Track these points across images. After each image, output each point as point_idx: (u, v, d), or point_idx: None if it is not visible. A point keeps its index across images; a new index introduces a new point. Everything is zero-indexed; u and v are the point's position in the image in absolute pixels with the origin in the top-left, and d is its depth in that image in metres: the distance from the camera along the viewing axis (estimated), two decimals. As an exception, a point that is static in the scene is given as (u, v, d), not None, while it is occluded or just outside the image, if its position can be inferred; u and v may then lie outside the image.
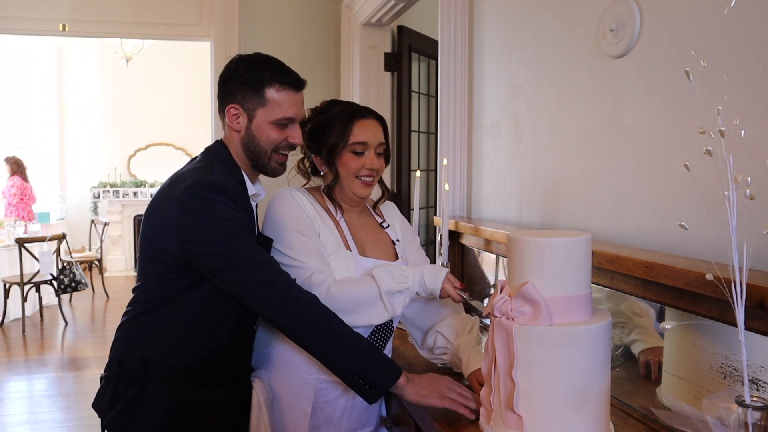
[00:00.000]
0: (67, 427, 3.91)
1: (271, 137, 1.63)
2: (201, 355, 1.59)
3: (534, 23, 2.12)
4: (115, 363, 1.61)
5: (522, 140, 2.20)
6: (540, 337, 1.20)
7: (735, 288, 0.89)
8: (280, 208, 1.69)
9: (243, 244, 1.52)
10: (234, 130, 1.65)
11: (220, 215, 1.51)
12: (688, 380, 1.34)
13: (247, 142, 1.64)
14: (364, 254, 1.74)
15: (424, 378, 1.55)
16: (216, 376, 1.61)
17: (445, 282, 1.62)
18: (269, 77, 1.61)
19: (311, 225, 1.67)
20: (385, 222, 1.90)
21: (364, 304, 1.59)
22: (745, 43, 1.28)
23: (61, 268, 6.37)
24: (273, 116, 1.61)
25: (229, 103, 1.63)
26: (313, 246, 1.64)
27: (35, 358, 5.35)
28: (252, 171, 1.69)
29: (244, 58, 1.66)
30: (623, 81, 1.66)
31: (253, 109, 1.61)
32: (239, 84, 1.61)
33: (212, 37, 4.30)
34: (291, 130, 1.65)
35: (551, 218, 2.02)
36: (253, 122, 1.62)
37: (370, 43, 4.02)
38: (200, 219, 1.51)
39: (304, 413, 1.68)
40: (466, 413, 1.48)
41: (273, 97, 1.61)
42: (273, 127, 1.62)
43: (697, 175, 1.26)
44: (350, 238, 1.74)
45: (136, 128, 9.38)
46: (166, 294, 1.58)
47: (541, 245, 1.22)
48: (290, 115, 1.63)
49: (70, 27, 4.24)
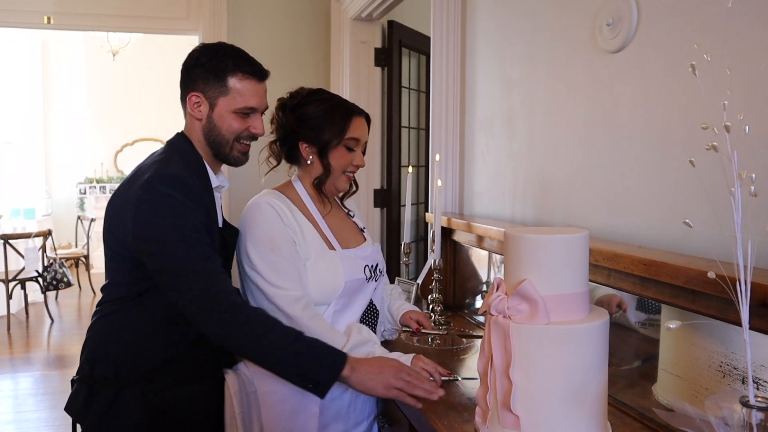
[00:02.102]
0: (53, 426, 3.86)
1: (232, 126, 1.61)
2: (171, 354, 1.57)
3: (529, 17, 2.09)
4: (87, 366, 1.59)
5: (516, 136, 2.19)
6: (538, 336, 1.19)
7: (740, 286, 0.87)
8: (254, 220, 1.67)
9: (192, 247, 1.47)
10: (195, 118, 1.63)
11: (175, 214, 1.48)
12: (685, 378, 1.33)
13: (208, 130, 1.62)
14: (347, 246, 1.77)
15: (372, 365, 1.50)
16: (189, 373, 1.59)
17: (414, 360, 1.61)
18: (233, 66, 1.60)
19: (287, 238, 1.65)
20: (351, 212, 1.95)
21: (327, 338, 1.58)
22: (747, 37, 1.27)
23: (46, 265, 6.29)
24: (235, 105, 1.60)
25: (191, 91, 1.62)
26: (285, 266, 1.62)
27: (21, 356, 5.28)
28: (214, 161, 1.67)
29: (207, 46, 1.65)
30: (620, 76, 1.64)
31: (215, 97, 1.60)
32: (202, 72, 1.60)
33: (200, 32, 4.24)
34: (253, 120, 1.64)
35: (545, 215, 2.00)
36: (214, 111, 1.61)
37: (360, 37, 3.99)
38: (154, 216, 1.48)
39: (312, 414, 1.66)
40: (412, 403, 1.45)
41: (235, 86, 1.60)
42: (234, 116, 1.61)
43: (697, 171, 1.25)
44: (331, 236, 1.75)
45: (122, 124, 9.28)
46: (133, 292, 1.56)
47: (539, 242, 1.20)
48: (252, 104, 1.62)
49: (55, 20, 4.16)
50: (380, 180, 4.11)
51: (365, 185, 4.01)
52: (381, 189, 4.12)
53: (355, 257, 1.75)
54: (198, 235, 1.50)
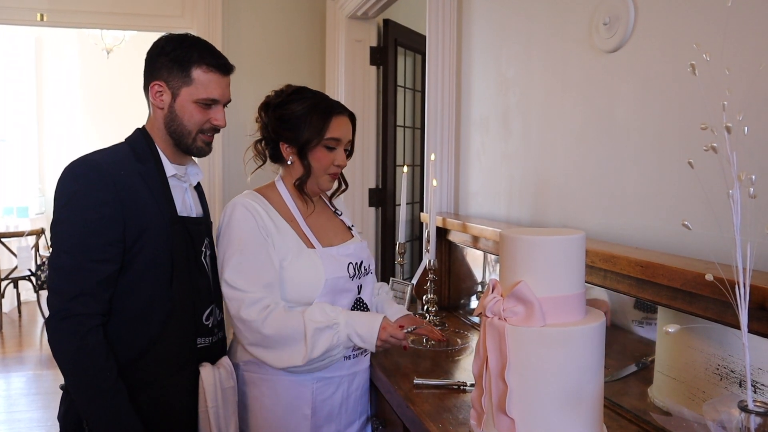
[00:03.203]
0: (45, 426, 3.83)
1: (194, 117, 1.60)
2: (135, 353, 1.53)
3: (525, 16, 2.08)
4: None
5: (512, 136, 2.17)
6: (534, 338, 1.17)
7: (738, 289, 0.86)
8: (227, 222, 1.66)
9: (79, 218, 1.46)
10: (157, 107, 1.62)
11: (77, 188, 1.48)
12: (681, 381, 1.32)
13: (170, 120, 1.61)
14: (328, 244, 1.74)
15: None
16: (158, 371, 1.55)
17: (380, 332, 1.59)
18: (197, 58, 1.59)
19: (259, 239, 1.63)
20: (339, 210, 1.91)
21: (287, 343, 1.58)
22: (746, 37, 1.25)
23: (39, 264, 6.25)
24: (197, 95, 1.59)
25: (154, 80, 1.60)
26: (249, 268, 1.61)
27: (13, 356, 5.24)
28: (176, 151, 1.65)
29: (173, 36, 1.63)
30: (616, 76, 1.63)
31: (178, 87, 1.59)
32: (167, 61, 1.58)
33: (195, 30, 4.21)
34: (215, 112, 1.63)
35: (541, 215, 1.99)
36: (176, 100, 1.59)
37: (355, 36, 3.97)
38: (58, 193, 1.50)
39: (303, 416, 1.65)
40: None
41: (199, 77, 1.59)
42: (196, 106, 1.59)
43: (695, 172, 1.24)
44: (311, 235, 1.73)
45: (117, 122, 9.20)
46: None
47: (535, 244, 1.18)
48: (215, 96, 1.61)
49: (48, 17, 4.13)
50: (375, 179, 4.10)
51: (360, 184, 4.00)
52: (376, 188, 4.10)
53: (338, 255, 1.72)
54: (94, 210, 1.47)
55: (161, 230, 1.55)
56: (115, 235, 1.48)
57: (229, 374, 1.64)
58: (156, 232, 1.53)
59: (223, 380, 1.61)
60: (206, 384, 1.58)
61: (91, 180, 1.48)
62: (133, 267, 1.51)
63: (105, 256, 1.47)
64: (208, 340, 1.66)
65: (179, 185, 1.65)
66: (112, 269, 1.48)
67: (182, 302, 1.57)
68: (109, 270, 1.48)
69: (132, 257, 1.51)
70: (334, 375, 1.68)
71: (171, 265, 1.55)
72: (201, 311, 1.64)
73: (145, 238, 1.52)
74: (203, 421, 1.59)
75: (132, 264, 1.51)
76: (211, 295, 1.67)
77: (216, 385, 1.59)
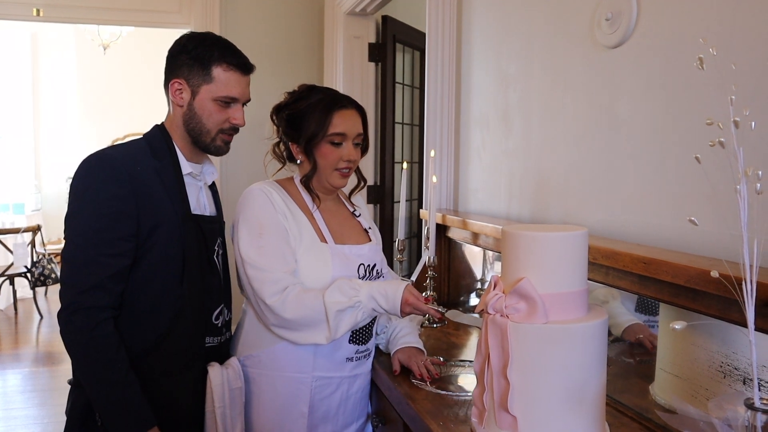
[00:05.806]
0: (42, 423, 3.82)
1: (213, 116, 1.59)
2: (143, 348, 1.52)
3: (526, 12, 2.07)
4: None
5: (512, 132, 2.16)
6: (536, 335, 1.16)
7: (745, 286, 0.85)
8: (246, 206, 1.65)
9: (92, 212, 1.47)
10: (177, 105, 1.62)
11: (92, 182, 1.49)
12: (684, 378, 1.31)
13: (189, 118, 1.60)
14: (341, 242, 1.71)
15: None
16: (165, 368, 1.55)
17: (406, 293, 1.56)
18: (218, 56, 1.59)
19: (277, 223, 1.62)
20: (357, 210, 1.88)
21: (309, 325, 1.56)
22: (752, 31, 1.24)
23: (35, 261, 6.23)
24: (217, 93, 1.58)
25: (174, 78, 1.61)
26: (272, 249, 1.60)
27: (9, 353, 5.22)
28: (194, 150, 1.65)
29: (195, 34, 1.64)
30: (619, 72, 1.62)
31: (198, 85, 1.59)
32: (187, 59, 1.59)
33: (192, 25, 4.20)
34: (234, 111, 1.62)
35: (541, 212, 1.98)
36: (196, 98, 1.59)
37: (353, 32, 3.95)
38: (73, 186, 1.52)
39: (300, 414, 1.64)
40: None
41: (219, 75, 1.59)
42: (215, 104, 1.59)
43: (699, 168, 1.23)
44: (325, 229, 1.71)
45: (114, 118, 9.17)
46: None
47: (538, 240, 1.17)
48: (234, 94, 1.60)
49: (44, 12, 4.10)
50: (374, 176, 4.08)
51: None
52: (374, 185, 4.09)
53: (350, 254, 1.70)
54: (107, 203, 1.47)
55: (174, 227, 1.54)
56: (129, 230, 1.47)
57: (237, 375, 1.63)
58: (169, 228, 1.53)
59: (231, 381, 1.61)
60: (214, 384, 1.57)
61: (106, 174, 1.49)
62: (144, 262, 1.51)
63: (117, 250, 1.46)
64: (217, 340, 1.66)
65: (194, 183, 1.65)
66: (124, 264, 1.48)
67: (192, 300, 1.56)
68: (122, 264, 1.47)
69: (144, 253, 1.50)
70: (335, 375, 1.67)
71: (182, 263, 1.55)
72: (211, 310, 1.63)
73: (157, 234, 1.51)
74: (209, 421, 1.58)
75: (143, 259, 1.51)
76: (221, 294, 1.67)
77: (224, 385, 1.58)
